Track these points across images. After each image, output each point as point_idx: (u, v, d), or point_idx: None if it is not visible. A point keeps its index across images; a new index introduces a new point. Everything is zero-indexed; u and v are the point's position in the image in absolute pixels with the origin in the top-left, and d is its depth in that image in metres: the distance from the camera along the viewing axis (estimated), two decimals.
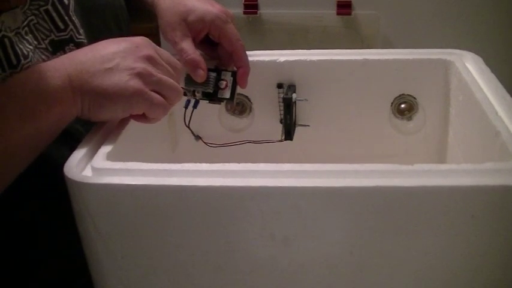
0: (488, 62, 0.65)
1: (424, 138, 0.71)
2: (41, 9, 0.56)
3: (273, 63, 0.69)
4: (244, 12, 1.44)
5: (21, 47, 0.53)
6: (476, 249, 0.46)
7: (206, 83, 0.65)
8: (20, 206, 0.55)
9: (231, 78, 0.66)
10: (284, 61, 0.69)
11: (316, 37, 1.44)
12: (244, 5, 1.45)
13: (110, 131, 0.54)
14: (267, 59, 0.69)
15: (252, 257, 0.48)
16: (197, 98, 0.66)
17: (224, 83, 0.65)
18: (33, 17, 0.55)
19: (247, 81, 0.67)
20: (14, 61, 0.52)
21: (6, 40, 0.51)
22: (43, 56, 0.56)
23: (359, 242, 0.46)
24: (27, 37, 0.54)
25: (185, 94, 0.65)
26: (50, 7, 0.57)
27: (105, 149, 0.50)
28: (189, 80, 0.65)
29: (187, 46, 0.63)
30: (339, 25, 1.44)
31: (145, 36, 0.54)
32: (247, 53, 0.67)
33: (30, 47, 0.54)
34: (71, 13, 0.59)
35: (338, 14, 1.43)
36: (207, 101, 0.66)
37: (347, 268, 0.48)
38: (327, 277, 0.48)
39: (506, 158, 0.47)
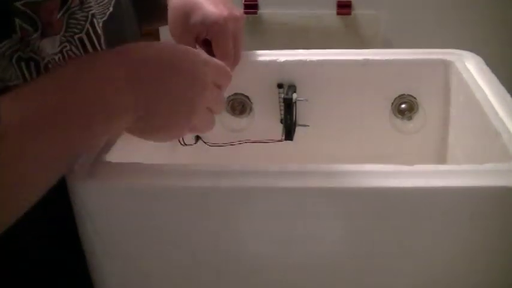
0: (488, 62, 0.65)
1: (424, 138, 0.71)
2: (75, 36, 0.55)
3: (273, 63, 0.69)
4: (244, 12, 1.42)
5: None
6: (476, 250, 0.46)
7: None
8: None
9: None
10: (284, 61, 0.69)
11: (316, 37, 1.44)
12: (244, 5, 1.45)
13: None
14: (267, 59, 0.69)
15: (251, 258, 0.48)
16: None
17: None
18: (66, 43, 0.54)
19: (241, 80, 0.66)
20: None
21: (31, 63, 0.50)
22: None
23: (358, 243, 0.46)
24: (59, 63, 0.54)
25: None
26: (83, 35, 0.56)
27: (105, 149, 0.50)
28: None
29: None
30: (339, 25, 1.44)
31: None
32: (247, 52, 0.67)
33: None
34: (102, 43, 0.58)
35: (338, 14, 1.43)
36: None
37: (346, 268, 0.48)
38: (327, 277, 0.48)
39: (507, 159, 0.47)
